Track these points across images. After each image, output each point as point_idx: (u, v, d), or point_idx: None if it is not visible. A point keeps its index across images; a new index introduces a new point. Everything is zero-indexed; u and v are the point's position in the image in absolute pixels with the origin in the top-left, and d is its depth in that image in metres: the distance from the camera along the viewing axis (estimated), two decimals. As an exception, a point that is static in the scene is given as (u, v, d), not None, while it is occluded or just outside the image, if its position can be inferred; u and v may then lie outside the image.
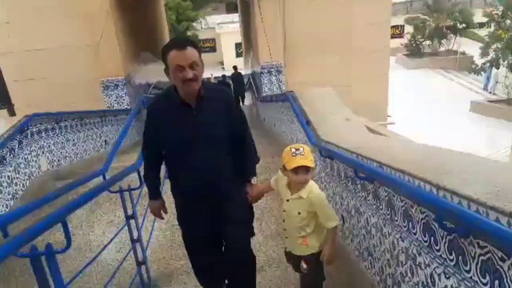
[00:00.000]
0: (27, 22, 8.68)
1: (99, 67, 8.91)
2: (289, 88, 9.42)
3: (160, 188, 2.49)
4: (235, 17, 24.67)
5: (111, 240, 2.72)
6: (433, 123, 16.52)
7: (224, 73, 15.26)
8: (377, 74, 10.32)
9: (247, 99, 15.70)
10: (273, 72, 9.68)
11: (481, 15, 23.05)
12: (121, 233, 3.17)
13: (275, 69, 9.67)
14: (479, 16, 25.67)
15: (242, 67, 17.71)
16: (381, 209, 2.31)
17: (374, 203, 2.41)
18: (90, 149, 6.93)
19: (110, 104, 9.16)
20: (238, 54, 25.91)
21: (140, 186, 3.10)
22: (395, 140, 3.83)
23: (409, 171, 1.81)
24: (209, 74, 20.67)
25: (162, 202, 2.47)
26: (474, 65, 20.99)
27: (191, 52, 2.04)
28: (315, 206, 2.16)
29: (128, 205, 3.01)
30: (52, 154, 5.65)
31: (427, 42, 29.19)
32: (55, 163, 5.71)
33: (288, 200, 2.24)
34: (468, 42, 27.30)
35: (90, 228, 4.10)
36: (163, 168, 2.40)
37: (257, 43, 9.79)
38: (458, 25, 27.86)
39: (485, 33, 21.87)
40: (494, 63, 19.77)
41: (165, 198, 2.51)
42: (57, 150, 5.83)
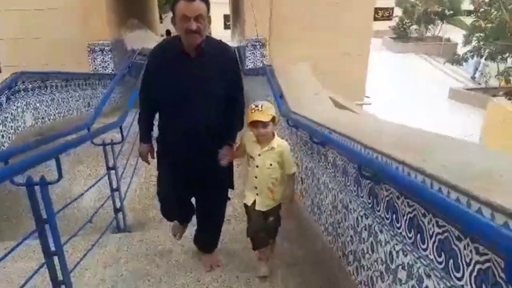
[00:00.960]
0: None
1: (86, 30, 8.94)
2: (273, 63, 9.70)
3: (152, 132, 2.56)
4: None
5: (93, 185, 3.06)
6: (410, 107, 17.02)
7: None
8: (357, 54, 10.56)
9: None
10: (257, 47, 9.89)
11: (469, 3, 23.34)
12: (101, 184, 3.50)
13: (260, 44, 9.88)
14: (467, 3, 26.01)
15: (230, 40, 17.77)
16: (328, 169, 2.70)
17: (324, 164, 2.80)
18: (73, 110, 7.14)
19: (95, 68, 9.28)
20: (226, 26, 25.77)
21: (122, 141, 3.41)
22: (357, 114, 4.19)
23: (341, 132, 2.21)
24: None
25: (151, 147, 2.54)
26: (456, 55, 21.36)
27: (199, 5, 2.08)
28: (284, 155, 2.36)
29: (110, 157, 3.33)
30: (37, 112, 5.88)
31: (414, 26, 29.57)
32: (39, 120, 5.94)
33: (259, 155, 2.37)
34: (455, 29, 27.76)
35: (72, 180, 4.42)
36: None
37: (244, 17, 9.96)
38: (446, 11, 28.25)
39: (471, 20, 22.20)
40: (476, 52, 20.24)
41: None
42: (42, 108, 6.05)
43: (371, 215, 1.98)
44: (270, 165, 2.37)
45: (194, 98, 2.24)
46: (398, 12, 30.30)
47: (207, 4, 2.15)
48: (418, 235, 1.52)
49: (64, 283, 2.18)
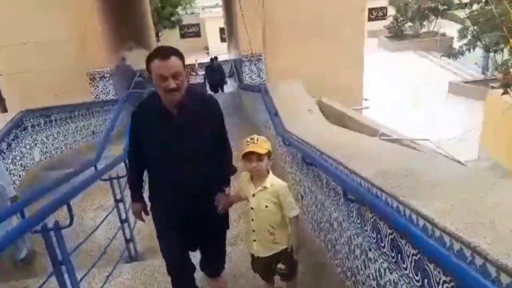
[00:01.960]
0: (12, 16, 8.80)
1: (85, 59, 9.13)
2: (269, 76, 9.87)
3: (142, 190, 2.54)
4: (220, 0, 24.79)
5: (104, 219, 3.23)
6: (410, 104, 17.12)
7: (213, 56, 15.02)
8: (352, 60, 10.69)
9: (230, 86, 16.05)
10: (253, 61, 10.08)
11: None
12: (110, 216, 3.67)
13: (255, 58, 10.06)
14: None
15: (226, 53, 18.02)
16: (323, 188, 2.85)
17: (319, 183, 2.96)
18: (79, 140, 7.37)
19: (97, 95, 9.49)
20: (223, 39, 26.04)
21: (127, 174, 3.57)
22: (347, 132, 4.34)
23: (326, 153, 2.37)
24: (193, 61, 20.89)
25: (143, 205, 2.51)
26: (452, 48, 21.43)
27: (174, 62, 2.07)
28: (280, 195, 2.21)
29: (117, 190, 3.51)
30: (45, 146, 6.09)
31: (409, 24, 29.72)
32: (47, 154, 6.16)
33: (254, 195, 2.24)
34: (450, 23, 27.87)
35: (83, 213, 4.58)
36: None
37: (237, 32, 10.16)
38: (439, 6, 28.38)
39: (466, 13, 22.24)
40: (471, 45, 20.32)
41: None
42: (49, 142, 6.27)
43: (361, 234, 2.12)
44: (266, 206, 2.21)
45: (180, 155, 2.20)
46: (391, 11, 30.45)
47: (182, 59, 2.14)
48: (399, 255, 1.66)
49: (83, 318, 2.35)
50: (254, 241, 2.30)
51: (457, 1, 27.36)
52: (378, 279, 1.92)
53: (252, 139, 2.23)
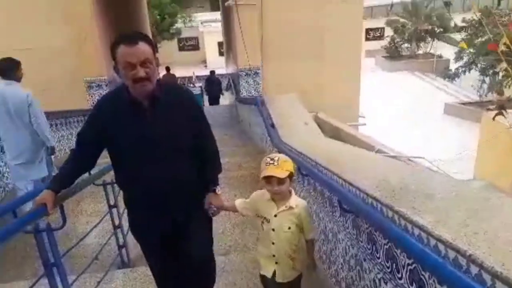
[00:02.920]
0: (10, 23, 8.82)
1: (83, 67, 9.20)
2: (266, 90, 9.95)
3: (65, 186, 2.17)
4: (219, 15, 25.05)
5: (97, 224, 3.21)
6: (406, 124, 17.25)
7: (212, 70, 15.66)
8: (349, 76, 10.79)
9: (227, 99, 16.18)
10: (251, 75, 10.16)
11: (461, 21, 23.79)
12: (103, 222, 3.64)
13: (253, 72, 10.15)
14: (458, 19, 26.57)
15: (224, 67, 18.16)
16: (318, 199, 2.86)
17: (314, 194, 2.96)
18: (73, 146, 7.34)
19: (93, 102, 9.49)
20: (221, 53, 26.26)
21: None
22: (343, 145, 4.37)
23: (322, 164, 2.37)
24: (191, 73, 21.05)
25: (53, 195, 2.04)
26: (448, 70, 21.78)
27: (143, 48, 1.84)
28: (302, 217, 2.07)
29: (110, 196, 3.48)
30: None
31: (406, 45, 30.15)
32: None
33: (275, 216, 2.06)
34: (445, 46, 28.30)
35: (75, 218, 4.54)
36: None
37: (235, 47, 10.26)
38: (436, 29, 28.87)
39: (462, 36, 22.61)
40: (467, 67, 20.63)
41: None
42: (44, 146, 6.24)
43: (356, 245, 2.12)
44: (289, 228, 2.05)
45: (154, 152, 1.94)
46: (389, 32, 30.91)
47: (151, 45, 1.90)
48: (394, 265, 1.66)
49: (72, 322, 2.31)
50: (277, 263, 2.11)
51: (453, 24, 27.95)
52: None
53: (272, 160, 2.03)
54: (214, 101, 14.99)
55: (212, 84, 14.99)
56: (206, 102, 15.24)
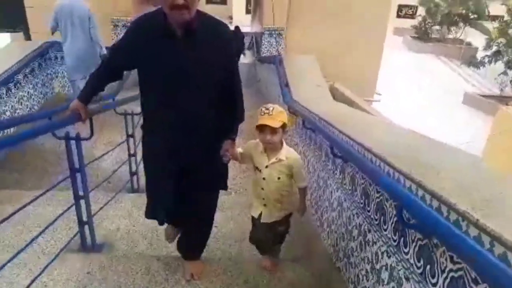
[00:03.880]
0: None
1: (111, 5, 9.34)
2: (287, 51, 9.98)
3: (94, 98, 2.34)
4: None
5: (114, 148, 3.54)
6: (422, 108, 17.20)
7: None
8: (371, 50, 10.72)
9: (247, 58, 16.19)
10: (274, 35, 10.19)
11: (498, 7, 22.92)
12: (118, 151, 3.98)
13: (277, 32, 10.16)
14: (493, 8, 25.75)
15: (249, 25, 18.04)
16: (316, 151, 3.13)
17: (314, 147, 3.23)
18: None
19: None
20: (248, 11, 25.89)
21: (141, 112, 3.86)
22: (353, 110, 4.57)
23: (324, 119, 2.63)
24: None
25: (84, 106, 2.26)
26: (474, 58, 21.37)
27: None
28: (293, 168, 2.17)
29: (129, 127, 3.81)
30: (64, 80, 6.38)
31: (436, 27, 29.38)
32: (66, 88, 6.45)
33: (267, 167, 2.17)
34: (476, 33, 27.52)
35: (94, 144, 4.88)
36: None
37: (263, 5, 10.24)
38: (470, 14, 28.01)
39: (495, 26, 21.93)
40: (494, 58, 20.23)
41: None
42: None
43: (362, 214, 2.12)
44: (278, 178, 2.17)
45: (181, 86, 1.91)
46: (421, 11, 30.07)
47: None
48: (402, 239, 1.66)
49: (88, 223, 2.67)
50: (265, 205, 2.25)
51: (492, 12, 27.05)
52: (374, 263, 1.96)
53: (267, 109, 2.07)
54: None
55: (236, 40, 15.04)
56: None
